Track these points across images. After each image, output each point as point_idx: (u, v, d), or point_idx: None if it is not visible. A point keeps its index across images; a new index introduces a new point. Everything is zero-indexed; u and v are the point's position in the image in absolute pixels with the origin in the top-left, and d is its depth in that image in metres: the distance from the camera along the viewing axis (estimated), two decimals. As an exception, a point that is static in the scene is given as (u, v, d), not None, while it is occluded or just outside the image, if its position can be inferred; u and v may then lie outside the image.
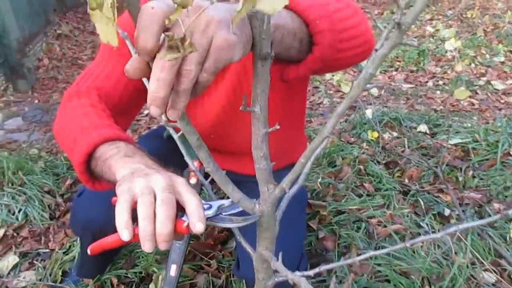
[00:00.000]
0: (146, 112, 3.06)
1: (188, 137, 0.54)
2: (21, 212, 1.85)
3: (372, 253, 0.70)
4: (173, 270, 1.28)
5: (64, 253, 1.63)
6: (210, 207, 0.64)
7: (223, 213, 0.65)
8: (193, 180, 1.23)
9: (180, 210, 0.59)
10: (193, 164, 1.20)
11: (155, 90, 0.45)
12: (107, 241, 0.62)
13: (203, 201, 0.64)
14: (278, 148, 1.20)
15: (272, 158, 1.26)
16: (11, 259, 1.61)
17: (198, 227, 0.55)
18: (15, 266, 1.60)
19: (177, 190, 0.59)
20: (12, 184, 1.98)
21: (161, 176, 0.59)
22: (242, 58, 0.51)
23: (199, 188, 1.26)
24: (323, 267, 0.67)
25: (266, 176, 0.62)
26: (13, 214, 1.85)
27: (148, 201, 0.55)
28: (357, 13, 0.82)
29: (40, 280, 1.52)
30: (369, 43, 0.84)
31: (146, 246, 0.55)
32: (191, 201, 0.57)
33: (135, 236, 0.56)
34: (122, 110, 0.97)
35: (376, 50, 0.69)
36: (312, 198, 1.82)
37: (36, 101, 3.47)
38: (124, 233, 0.55)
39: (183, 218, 0.59)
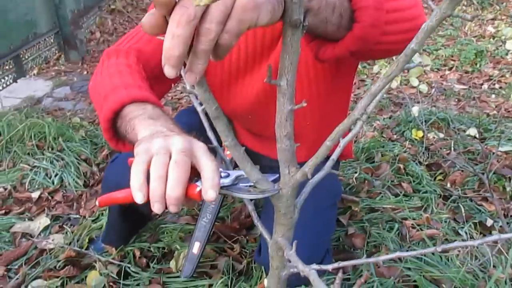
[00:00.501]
0: (183, 95, 3.07)
1: (206, 106, 0.50)
2: (57, 177, 1.90)
3: (399, 253, 0.64)
4: (196, 247, 1.27)
5: (93, 220, 1.66)
6: (228, 175, 0.61)
7: (241, 184, 0.61)
8: (227, 158, 1.20)
9: (196, 175, 0.56)
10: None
11: (170, 47, 0.41)
12: (116, 196, 0.60)
13: (221, 169, 0.61)
14: (316, 138, 1.15)
15: (311, 148, 1.21)
16: (43, 220, 1.66)
17: (209, 194, 0.52)
18: (45, 228, 1.64)
19: (195, 154, 0.56)
20: (52, 149, 2.04)
21: (180, 137, 0.57)
22: (272, 23, 0.46)
23: (233, 164, 1.24)
24: (343, 264, 0.62)
25: (289, 157, 0.57)
26: (50, 178, 1.91)
27: (162, 162, 0.53)
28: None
29: (69, 244, 1.55)
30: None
31: (156, 207, 0.53)
32: (207, 166, 0.54)
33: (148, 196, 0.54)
34: (158, 77, 0.95)
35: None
36: (345, 193, 1.75)
37: (85, 72, 3.57)
38: (137, 195, 0.53)
39: (197, 183, 0.56)
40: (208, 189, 0.52)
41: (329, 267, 0.61)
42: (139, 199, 0.53)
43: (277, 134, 0.55)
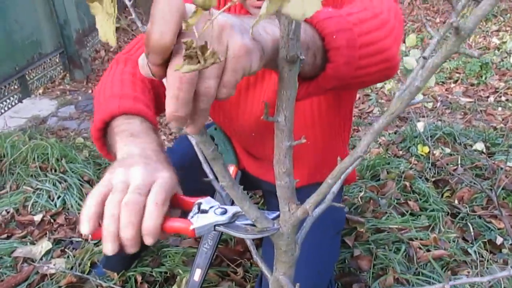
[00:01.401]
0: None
1: (203, 148, 0.49)
2: (60, 199, 1.89)
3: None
4: (197, 274, 1.24)
5: (95, 244, 1.64)
6: (225, 212, 0.58)
7: (239, 221, 0.58)
8: None
9: (176, 205, 0.55)
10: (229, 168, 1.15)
11: (175, 110, 0.40)
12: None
13: (218, 203, 0.59)
14: (318, 160, 1.13)
15: (311, 171, 1.18)
16: (45, 244, 1.64)
17: (146, 240, 0.52)
18: (47, 252, 1.63)
19: (151, 190, 0.55)
20: (55, 171, 2.03)
21: (142, 171, 0.56)
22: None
23: (230, 199, 1.23)
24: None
25: (289, 194, 0.55)
26: (52, 200, 1.90)
27: (116, 200, 0.52)
28: (384, 25, 0.71)
29: (71, 268, 1.54)
30: (392, 61, 0.72)
31: (105, 248, 0.52)
32: (148, 207, 0.53)
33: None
34: None
35: (425, 58, 0.61)
36: (350, 213, 1.73)
37: (90, 91, 3.58)
38: (84, 226, 0.52)
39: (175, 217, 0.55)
40: (144, 234, 0.51)
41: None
42: (83, 229, 0.52)
43: (275, 171, 0.54)
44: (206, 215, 0.57)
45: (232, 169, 1.19)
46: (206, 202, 0.59)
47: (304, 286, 0.98)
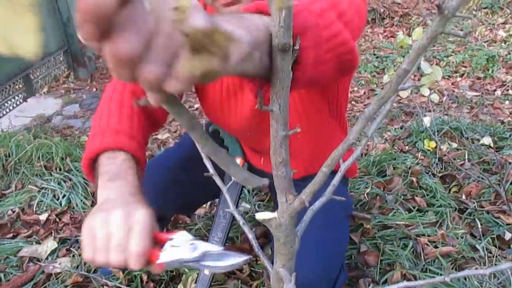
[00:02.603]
0: (196, 106, 3.06)
1: (178, 119, 0.46)
2: (65, 198, 1.89)
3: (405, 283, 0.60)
4: (206, 272, 1.24)
5: (100, 243, 1.63)
6: (195, 249, 0.60)
7: (206, 262, 0.61)
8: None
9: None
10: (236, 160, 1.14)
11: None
12: None
13: (190, 237, 0.62)
14: (312, 148, 1.11)
15: (309, 163, 1.17)
16: (51, 244, 1.64)
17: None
18: (53, 251, 1.63)
19: (131, 230, 0.62)
20: (60, 170, 2.03)
21: (119, 215, 0.63)
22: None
23: (240, 186, 1.21)
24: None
25: (286, 184, 0.54)
26: (57, 199, 1.90)
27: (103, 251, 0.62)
28: (342, 16, 0.64)
29: (76, 267, 1.53)
30: (353, 52, 0.66)
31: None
32: (131, 248, 0.61)
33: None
34: None
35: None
36: (356, 210, 1.71)
37: (94, 89, 3.58)
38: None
39: (161, 250, 0.61)
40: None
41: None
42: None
43: (272, 161, 0.53)
44: (177, 250, 0.61)
45: (239, 161, 1.19)
46: (179, 236, 0.63)
47: (315, 270, 0.98)
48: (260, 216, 0.57)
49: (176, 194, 1.21)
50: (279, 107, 0.47)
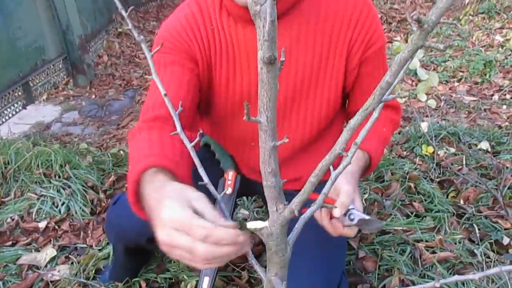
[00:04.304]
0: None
1: None
2: (64, 206, 1.89)
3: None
4: (205, 283, 1.23)
5: (99, 250, 1.64)
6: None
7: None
8: (228, 190, 1.18)
9: None
10: (228, 174, 1.16)
11: None
12: None
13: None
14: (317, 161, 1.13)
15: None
16: (50, 251, 1.65)
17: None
18: (52, 259, 1.63)
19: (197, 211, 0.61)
20: (59, 177, 2.04)
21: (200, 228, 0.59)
22: None
23: (234, 198, 1.22)
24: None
25: (275, 194, 0.55)
26: (57, 207, 1.90)
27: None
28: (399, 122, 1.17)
29: (76, 275, 1.54)
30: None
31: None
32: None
33: None
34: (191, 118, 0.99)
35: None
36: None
37: (93, 96, 3.59)
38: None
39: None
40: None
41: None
42: None
43: (262, 171, 0.54)
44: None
45: (231, 173, 1.19)
46: None
47: (317, 280, 0.98)
48: (251, 225, 0.57)
49: None
50: (266, 118, 0.48)
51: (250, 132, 1.10)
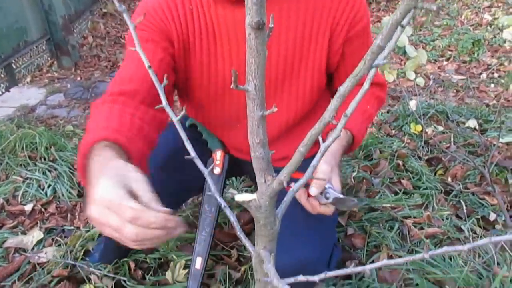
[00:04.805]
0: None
1: None
2: (50, 188, 1.86)
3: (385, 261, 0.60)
4: (198, 263, 1.23)
5: (87, 231, 1.62)
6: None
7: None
8: (216, 170, 1.17)
9: None
10: (216, 154, 1.14)
11: None
12: None
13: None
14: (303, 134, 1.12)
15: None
16: (36, 234, 1.62)
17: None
18: (39, 242, 1.61)
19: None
20: (44, 160, 2.00)
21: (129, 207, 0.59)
22: None
23: (223, 178, 1.20)
24: (340, 272, 0.58)
25: (264, 165, 0.54)
26: (43, 189, 1.87)
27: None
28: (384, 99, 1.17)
29: (63, 256, 1.52)
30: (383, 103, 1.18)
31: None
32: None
33: None
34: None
35: (402, 26, 0.58)
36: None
37: (78, 78, 3.53)
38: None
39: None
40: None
41: (321, 276, 0.57)
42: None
43: (250, 142, 0.53)
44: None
45: (219, 153, 1.17)
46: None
47: (309, 253, 0.99)
48: (239, 197, 0.56)
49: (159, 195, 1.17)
50: (254, 86, 0.46)
51: (234, 113, 1.09)
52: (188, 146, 0.65)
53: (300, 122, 1.11)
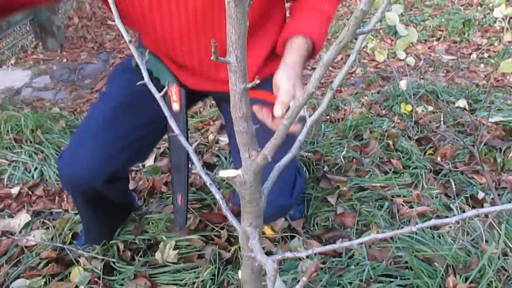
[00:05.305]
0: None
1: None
2: (37, 171, 1.84)
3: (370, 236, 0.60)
4: (179, 199, 1.28)
5: (75, 214, 1.60)
6: None
7: None
8: (175, 107, 1.13)
9: None
10: (172, 89, 1.10)
11: None
12: None
13: None
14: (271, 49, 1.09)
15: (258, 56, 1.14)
16: (24, 217, 1.60)
17: None
18: (27, 225, 1.59)
19: None
20: (30, 142, 1.97)
21: None
22: None
23: (184, 114, 1.16)
24: (328, 247, 0.57)
25: (247, 140, 0.52)
26: (29, 172, 1.84)
27: None
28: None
29: (51, 239, 1.50)
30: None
31: None
32: None
33: None
34: None
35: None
36: (332, 173, 1.71)
37: (65, 60, 3.46)
38: None
39: None
40: None
41: (309, 252, 0.57)
42: None
43: (233, 116, 0.51)
44: None
45: (174, 89, 1.12)
46: None
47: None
48: (224, 173, 0.55)
49: (122, 147, 1.11)
50: (236, 58, 0.44)
51: (176, 30, 1.00)
52: (172, 123, 0.63)
53: (255, 32, 1.04)
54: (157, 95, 0.62)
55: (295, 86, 0.87)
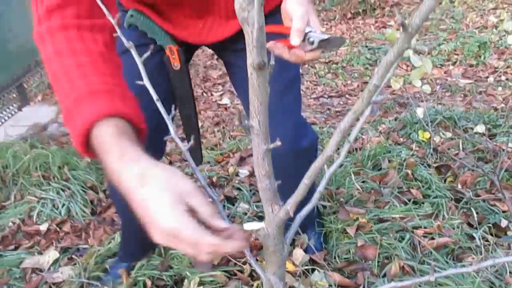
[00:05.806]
0: None
1: None
2: (64, 207, 1.90)
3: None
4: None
5: (100, 249, 1.65)
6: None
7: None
8: (176, 66, 1.14)
9: None
10: (169, 49, 1.14)
11: None
12: None
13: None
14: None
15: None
16: (52, 254, 1.66)
17: None
18: (55, 261, 1.64)
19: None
20: (58, 179, 2.04)
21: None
22: None
23: (186, 70, 1.17)
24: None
25: (271, 196, 0.57)
26: (57, 209, 1.91)
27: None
28: None
29: (79, 275, 1.55)
30: None
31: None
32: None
33: None
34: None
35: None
36: (351, 205, 1.72)
37: (88, 95, 3.59)
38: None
39: None
40: None
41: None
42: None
43: (256, 174, 0.56)
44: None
45: (172, 48, 1.12)
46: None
47: (293, 119, 1.16)
48: (248, 226, 0.59)
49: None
50: (258, 122, 0.49)
51: None
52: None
53: None
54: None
55: (308, 12, 0.81)
